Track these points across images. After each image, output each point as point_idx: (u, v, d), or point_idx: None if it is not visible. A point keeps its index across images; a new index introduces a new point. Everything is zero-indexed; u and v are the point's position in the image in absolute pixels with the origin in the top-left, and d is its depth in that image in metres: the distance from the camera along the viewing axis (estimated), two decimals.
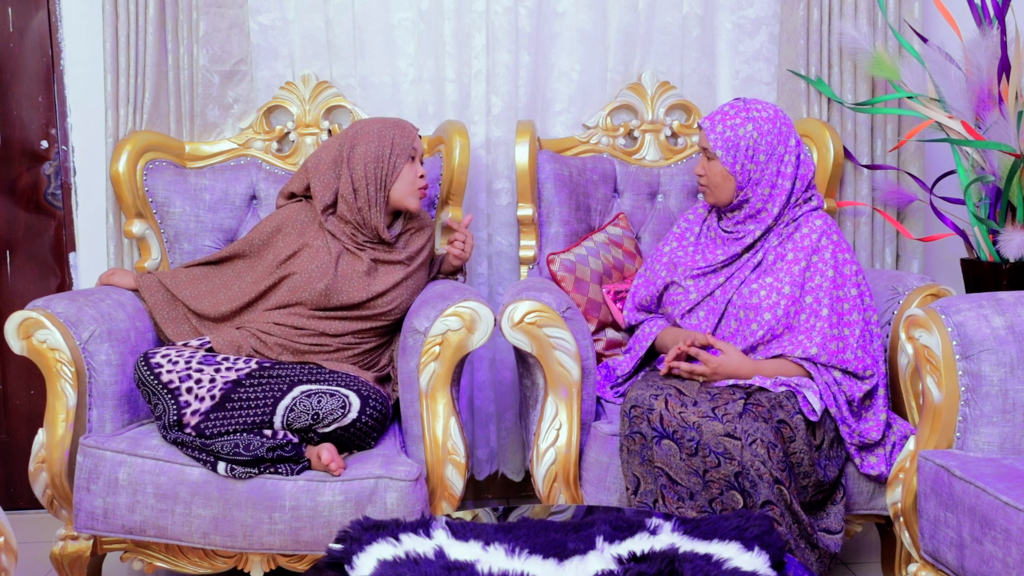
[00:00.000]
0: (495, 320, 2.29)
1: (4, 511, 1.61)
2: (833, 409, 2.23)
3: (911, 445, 2.13)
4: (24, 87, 3.00)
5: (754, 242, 2.37)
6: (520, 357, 2.54)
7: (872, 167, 2.95)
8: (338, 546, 1.66)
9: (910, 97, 2.83)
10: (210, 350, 2.36)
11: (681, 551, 1.61)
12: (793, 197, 2.35)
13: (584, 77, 2.99)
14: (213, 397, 2.21)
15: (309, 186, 2.55)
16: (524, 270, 2.78)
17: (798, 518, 2.10)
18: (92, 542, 2.31)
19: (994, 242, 2.73)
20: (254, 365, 2.29)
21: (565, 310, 2.29)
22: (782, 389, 2.21)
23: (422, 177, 2.53)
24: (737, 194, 2.35)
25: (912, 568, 2.14)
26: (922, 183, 2.94)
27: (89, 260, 2.99)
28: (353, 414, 2.23)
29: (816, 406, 2.19)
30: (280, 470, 2.18)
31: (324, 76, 2.96)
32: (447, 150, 2.76)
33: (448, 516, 1.80)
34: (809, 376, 2.26)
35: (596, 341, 2.59)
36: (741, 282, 2.36)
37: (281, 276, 2.47)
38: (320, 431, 2.23)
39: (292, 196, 2.61)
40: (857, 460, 2.28)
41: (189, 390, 2.22)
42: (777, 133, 2.33)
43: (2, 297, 3.05)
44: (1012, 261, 2.67)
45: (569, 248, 2.73)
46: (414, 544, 1.64)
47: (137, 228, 2.73)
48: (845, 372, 2.27)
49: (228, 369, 2.26)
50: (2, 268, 3.05)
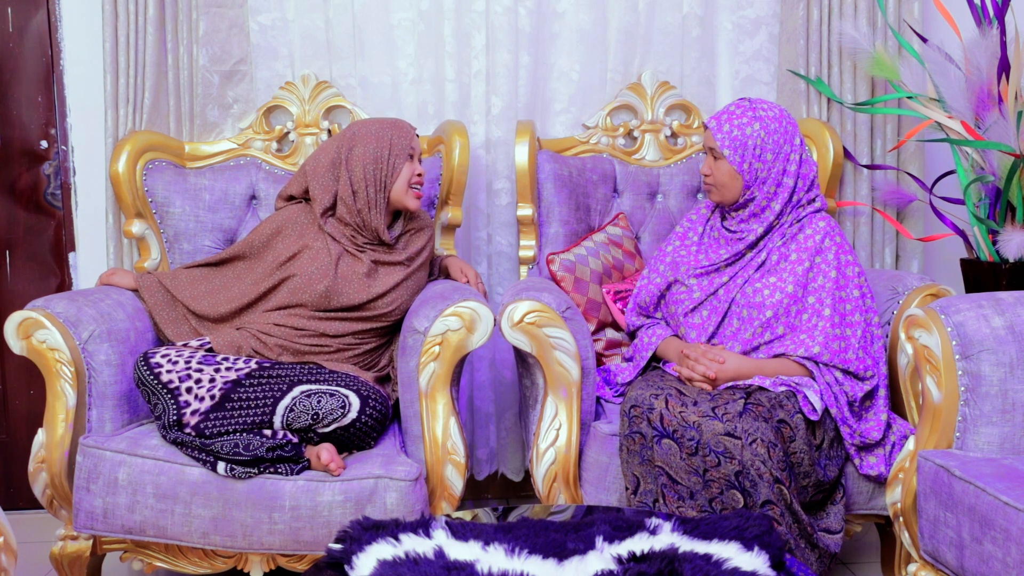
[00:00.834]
0: (495, 320, 2.29)
1: (4, 511, 1.60)
2: (834, 409, 2.24)
3: (911, 445, 2.13)
4: (24, 87, 3.00)
5: (756, 240, 2.37)
6: (520, 357, 2.54)
7: (872, 167, 2.95)
8: (338, 546, 1.66)
9: (910, 97, 2.83)
10: (210, 350, 2.36)
11: (681, 551, 1.61)
12: (795, 196, 2.35)
13: (584, 77, 2.99)
14: (213, 397, 2.21)
15: (308, 189, 2.55)
16: (524, 270, 2.78)
17: (798, 518, 2.10)
18: (92, 542, 2.32)
19: (994, 242, 2.73)
20: (254, 365, 2.29)
21: (565, 310, 2.29)
22: (782, 389, 2.21)
23: (420, 175, 2.52)
24: (744, 193, 2.34)
25: (912, 568, 2.14)
26: (922, 183, 2.94)
27: (89, 260, 2.98)
28: (353, 414, 2.23)
29: (817, 405, 2.19)
30: (280, 470, 2.18)
31: (324, 76, 2.96)
32: (447, 150, 2.76)
33: (448, 516, 1.80)
34: (810, 376, 2.27)
35: (596, 341, 2.59)
36: (744, 281, 2.36)
37: (281, 278, 2.47)
38: (320, 431, 2.23)
39: (291, 198, 2.61)
40: (857, 460, 2.28)
41: (189, 390, 2.22)
42: (783, 132, 2.33)
43: (2, 297, 3.05)
44: (1012, 261, 2.67)
45: (569, 248, 2.73)
46: (414, 544, 1.64)
47: (137, 228, 2.73)
48: (846, 372, 2.27)
49: (228, 369, 2.26)
50: (2, 268, 3.05)
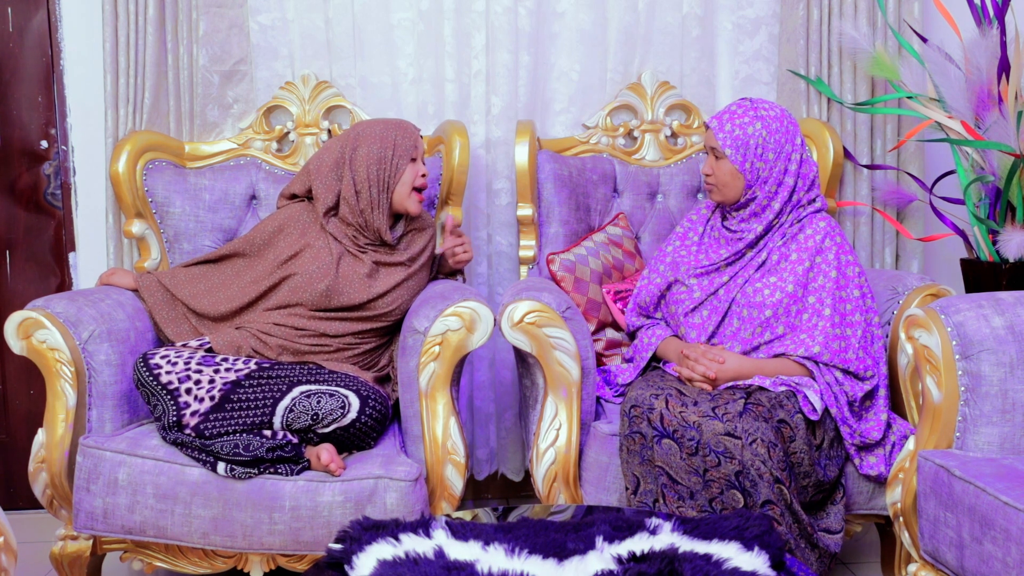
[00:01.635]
0: (495, 320, 2.29)
1: (4, 511, 1.60)
2: (834, 409, 2.24)
3: (911, 445, 2.13)
4: (24, 87, 3.00)
5: (756, 239, 2.37)
6: (520, 357, 2.54)
7: (872, 167, 2.95)
8: (338, 546, 1.66)
9: (910, 97, 2.83)
10: (209, 350, 2.35)
11: (681, 551, 1.61)
12: (795, 196, 2.35)
13: (584, 77, 2.99)
14: (212, 398, 2.21)
15: (311, 188, 2.55)
16: (524, 270, 2.78)
17: (798, 518, 2.10)
18: (92, 542, 2.31)
19: (994, 242, 2.73)
20: (253, 366, 2.29)
21: (565, 310, 2.29)
22: (782, 388, 2.21)
23: (424, 176, 2.52)
24: (745, 192, 2.34)
25: (912, 568, 2.14)
26: (922, 183, 2.94)
27: (89, 260, 2.98)
28: (352, 414, 2.23)
29: (817, 405, 2.19)
30: (280, 470, 2.18)
31: (324, 76, 2.96)
32: (447, 150, 2.76)
33: (448, 516, 1.80)
34: (810, 375, 2.27)
35: (596, 341, 2.59)
36: (745, 281, 2.35)
37: (282, 276, 2.47)
38: (320, 431, 2.23)
39: (293, 197, 2.61)
40: (856, 460, 2.28)
41: (188, 391, 2.22)
42: (785, 131, 2.33)
43: (2, 297, 3.05)
44: (1012, 261, 2.67)
45: (569, 248, 2.73)
46: (414, 544, 1.64)
47: (137, 228, 2.73)
48: (846, 372, 2.27)
49: (227, 370, 2.26)
50: (2, 268, 3.05)
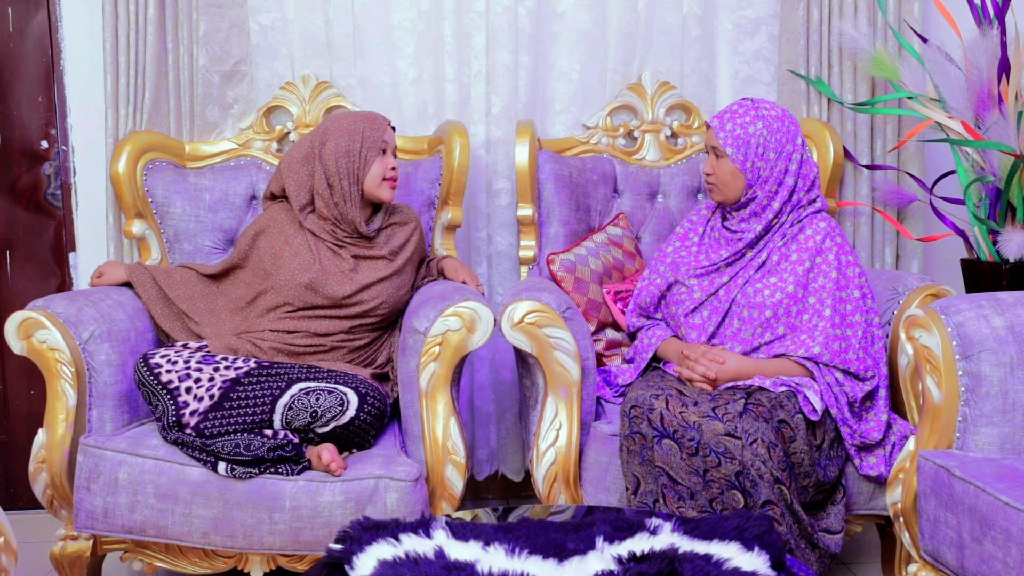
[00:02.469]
0: (495, 320, 2.29)
1: (4, 511, 1.60)
2: (834, 409, 2.24)
3: (911, 445, 2.13)
4: (24, 87, 3.00)
5: (756, 239, 2.36)
6: (520, 357, 2.54)
7: (872, 167, 2.95)
8: (338, 546, 1.66)
9: (910, 97, 2.83)
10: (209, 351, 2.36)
11: (681, 551, 1.61)
12: (795, 196, 2.35)
13: (584, 77, 2.99)
14: (212, 396, 2.21)
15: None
16: (524, 270, 2.78)
17: (798, 518, 2.10)
18: (92, 542, 2.31)
19: (994, 242, 2.73)
20: (252, 364, 2.29)
21: (565, 310, 2.29)
22: (782, 389, 2.21)
23: (394, 169, 2.51)
24: (746, 192, 2.34)
25: (912, 568, 2.14)
26: (922, 183, 2.94)
27: (89, 260, 2.98)
28: (351, 411, 2.23)
29: (817, 405, 2.19)
30: (280, 470, 2.18)
31: (324, 76, 2.96)
32: (447, 150, 2.76)
33: (448, 516, 1.80)
34: (810, 376, 2.26)
35: (596, 341, 2.59)
36: (745, 281, 2.35)
37: (267, 284, 2.47)
38: (319, 430, 2.23)
39: (274, 197, 2.62)
40: (857, 461, 2.28)
41: (188, 390, 2.22)
42: (786, 131, 2.33)
43: (2, 297, 3.05)
44: (1012, 261, 2.67)
45: (569, 248, 2.73)
46: (414, 544, 1.64)
47: (137, 228, 2.73)
48: (847, 373, 2.27)
49: (227, 368, 2.27)
50: (2, 268, 3.05)
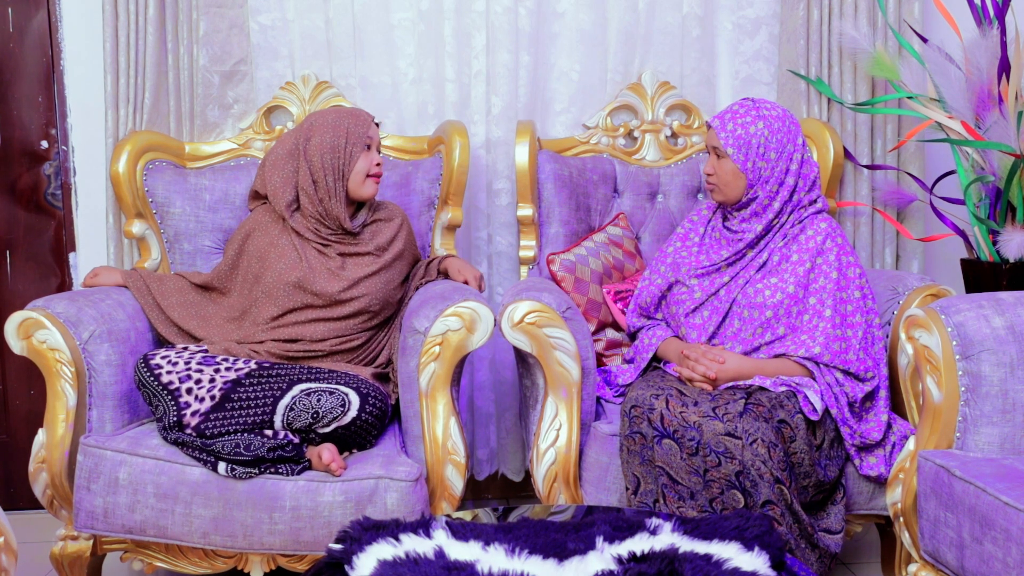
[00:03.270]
0: (495, 320, 2.29)
1: (4, 511, 1.60)
2: (834, 410, 2.24)
3: (911, 445, 2.13)
4: (24, 87, 3.00)
5: (756, 239, 2.36)
6: (520, 357, 2.54)
7: (872, 167, 2.95)
8: (338, 546, 1.66)
9: (910, 97, 2.83)
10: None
11: (681, 551, 1.61)
12: (795, 196, 2.35)
13: (584, 77, 2.99)
14: (213, 397, 2.21)
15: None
16: (524, 270, 2.78)
17: (798, 518, 2.10)
18: (92, 542, 2.31)
19: (994, 242, 2.73)
20: (253, 365, 2.29)
21: (565, 310, 2.29)
22: (783, 389, 2.21)
23: (378, 165, 2.51)
24: (746, 192, 2.34)
25: (912, 568, 2.14)
26: (922, 183, 2.94)
27: (89, 260, 2.98)
28: (353, 412, 2.23)
29: (817, 405, 2.19)
30: (281, 470, 2.18)
31: (324, 76, 2.96)
32: (447, 150, 2.76)
33: (448, 516, 1.80)
34: (810, 376, 2.26)
35: (596, 341, 2.59)
36: (746, 282, 2.35)
37: (258, 287, 2.47)
38: (320, 431, 2.23)
39: (258, 196, 2.62)
40: (857, 461, 2.28)
41: (189, 391, 2.22)
42: (787, 131, 2.33)
43: (2, 297, 3.05)
44: (1012, 261, 2.67)
45: (569, 248, 2.73)
46: (414, 544, 1.64)
47: (137, 228, 2.73)
48: (847, 373, 2.27)
49: (228, 369, 2.27)
50: (2, 268, 3.05)
